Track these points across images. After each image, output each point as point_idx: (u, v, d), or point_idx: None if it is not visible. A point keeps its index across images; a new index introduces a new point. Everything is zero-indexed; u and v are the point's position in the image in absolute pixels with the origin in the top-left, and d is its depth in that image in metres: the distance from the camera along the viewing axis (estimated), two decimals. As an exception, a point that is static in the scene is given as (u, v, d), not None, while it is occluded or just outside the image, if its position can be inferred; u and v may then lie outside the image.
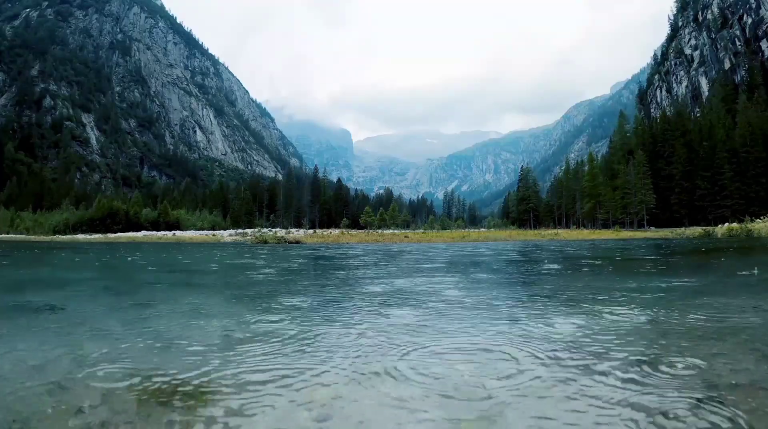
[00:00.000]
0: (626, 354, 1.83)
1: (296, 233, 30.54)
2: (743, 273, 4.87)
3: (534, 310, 2.91)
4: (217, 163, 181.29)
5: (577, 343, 2.03)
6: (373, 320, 2.69)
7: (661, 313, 2.73)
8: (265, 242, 20.77)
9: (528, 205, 75.27)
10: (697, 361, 1.70)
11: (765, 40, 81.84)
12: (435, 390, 1.43)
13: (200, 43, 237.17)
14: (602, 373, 1.58)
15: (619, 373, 1.58)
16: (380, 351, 1.95)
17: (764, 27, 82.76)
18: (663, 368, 1.62)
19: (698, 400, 1.31)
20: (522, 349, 1.91)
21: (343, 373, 1.63)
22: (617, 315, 2.69)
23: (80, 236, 43.05)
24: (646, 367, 1.64)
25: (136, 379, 1.55)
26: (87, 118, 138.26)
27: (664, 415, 1.21)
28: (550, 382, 1.50)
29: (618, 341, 2.06)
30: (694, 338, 2.10)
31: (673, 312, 2.74)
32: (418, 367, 1.67)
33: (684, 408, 1.25)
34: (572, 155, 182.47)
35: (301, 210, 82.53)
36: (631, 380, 1.50)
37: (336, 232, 38.52)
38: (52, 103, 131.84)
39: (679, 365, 1.65)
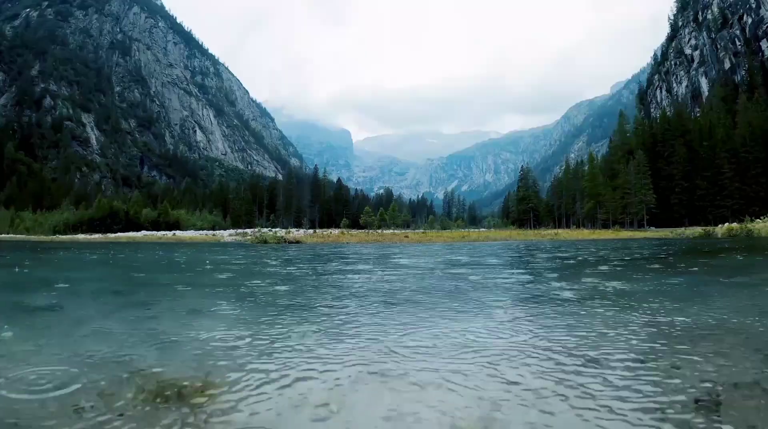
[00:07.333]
0: (626, 352, 1.84)
1: (296, 233, 30.52)
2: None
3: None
4: (217, 163, 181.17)
5: (576, 342, 2.03)
6: (372, 321, 2.68)
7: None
8: (265, 242, 20.78)
9: (528, 205, 75.21)
10: (697, 360, 1.69)
11: (765, 40, 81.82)
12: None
13: (200, 43, 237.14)
14: (601, 372, 1.57)
15: (618, 372, 1.57)
16: (382, 354, 1.95)
17: (764, 27, 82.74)
18: (663, 367, 1.61)
19: (698, 399, 1.30)
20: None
21: (344, 373, 1.62)
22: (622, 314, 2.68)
23: (80, 236, 43.02)
24: (645, 366, 1.63)
25: (137, 379, 1.55)
26: (87, 118, 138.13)
27: (664, 414, 1.20)
28: (548, 380, 1.49)
29: (617, 339, 2.06)
30: (694, 337, 2.11)
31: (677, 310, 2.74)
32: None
33: (684, 408, 1.24)
34: (572, 155, 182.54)
35: (301, 210, 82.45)
36: (631, 379, 1.49)
37: (336, 232, 38.51)
38: (52, 103, 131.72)
39: (679, 364, 1.65)
